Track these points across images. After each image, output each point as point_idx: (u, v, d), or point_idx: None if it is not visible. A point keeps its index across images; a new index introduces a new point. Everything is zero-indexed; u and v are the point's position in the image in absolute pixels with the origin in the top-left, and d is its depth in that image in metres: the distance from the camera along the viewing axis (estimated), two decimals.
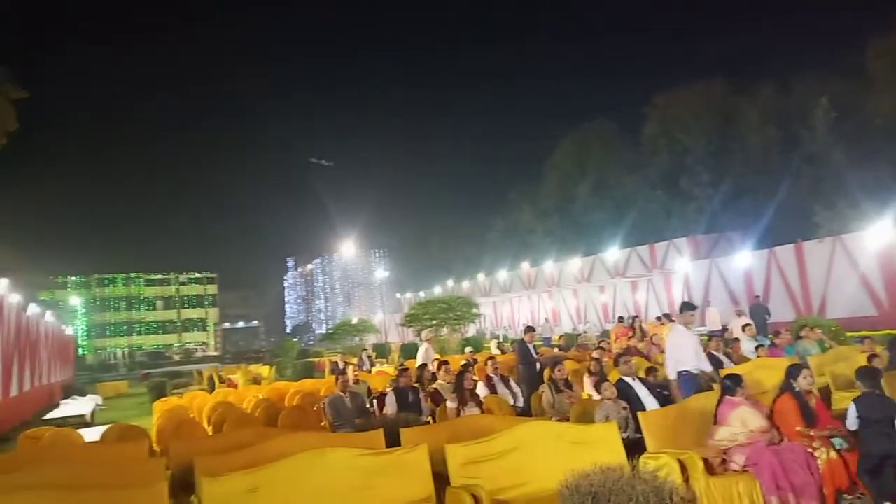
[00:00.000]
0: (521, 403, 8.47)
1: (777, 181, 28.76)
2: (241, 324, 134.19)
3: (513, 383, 8.99)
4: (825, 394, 6.50)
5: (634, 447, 5.25)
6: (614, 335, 15.38)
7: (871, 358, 7.57)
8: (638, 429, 5.50)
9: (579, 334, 23.22)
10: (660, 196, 36.61)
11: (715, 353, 9.31)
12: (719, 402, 5.47)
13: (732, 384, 5.48)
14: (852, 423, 4.98)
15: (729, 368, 8.58)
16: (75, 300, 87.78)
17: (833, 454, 4.80)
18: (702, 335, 13.21)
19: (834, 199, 25.56)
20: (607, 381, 6.79)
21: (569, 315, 38.35)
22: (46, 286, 64.41)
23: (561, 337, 26.52)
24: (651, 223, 35.94)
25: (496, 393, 8.49)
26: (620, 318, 18.15)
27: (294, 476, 4.56)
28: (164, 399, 13.35)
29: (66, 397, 21.60)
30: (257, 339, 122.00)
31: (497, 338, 31.28)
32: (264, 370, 21.93)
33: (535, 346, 11.19)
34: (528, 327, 11.90)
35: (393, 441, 5.49)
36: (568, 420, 6.57)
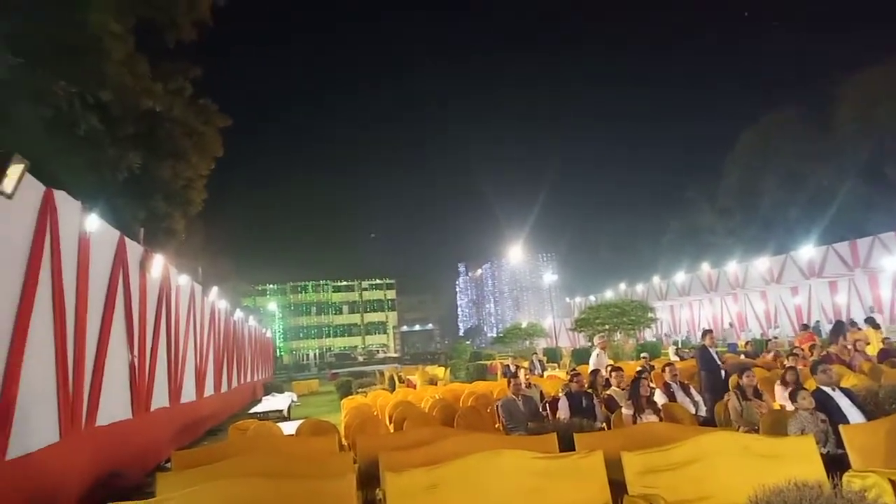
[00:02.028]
0: (703, 412, 8.00)
1: None
2: (417, 327, 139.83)
3: (694, 391, 8.51)
4: None
5: (835, 464, 4.74)
6: (798, 343, 13.99)
7: None
8: (839, 444, 4.97)
9: (769, 340, 21.39)
10: (858, 186, 32.72)
11: None
12: None
13: None
14: None
15: None
16: (273, 306, 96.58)
17: None
18: None
19: None
20: (805, 389, 6.20)
21: (756, 319, 35.50)
22: (248, 293, 71.53)
23: (748, 343, 24.62)
24: (850, 217, 32.27)
25: (675, 401, 8.09)
26: (804, 326, 16.48)
27: (470, 475, 4.68)
28: (350, 397, 14.25)
29: (267, 394, 23.80)
30: (432, 342, 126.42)
31: (675, 343, 29.77)
32: (440, 371, 22.63)
33: (717, 352, 10.47)
34: (706, 330, 11.15)
35: (566, 446, 5.44)
36: (757, 431, 6.10)
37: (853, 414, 6.07)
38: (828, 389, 6.40)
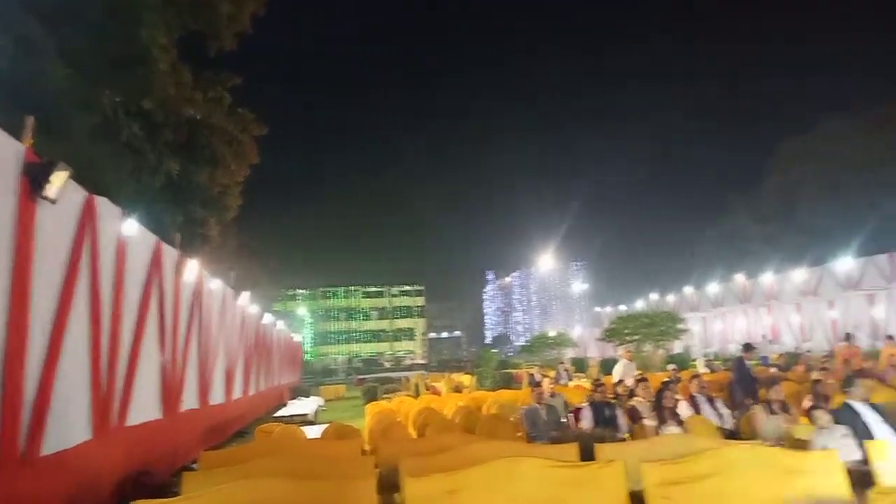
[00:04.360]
0: (728, 425, 7.90)
1: None
2: (445, 334, 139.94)
3: (719, 404, 8.40)
4: None
5: (861, 480, 4.68)
6: (840, 356, 13.73)
7: None
8: (865, 460, 4.89)
9: (801, 353, 20.99)
10: None
11: None
12: None
13: None
14: None
15: None
16: (303, 311, 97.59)
17: None
18: None
19: None
20: (822, 407, 6.09)
21: (791, 332, 34.76)
22: (279, 298, 72.44)
23: (780, 356, 24.15)
24: (892, 228, 31.44)
25: (700, 413, 8.01)
26: (847, 336, 16.16)
27: (490, 482, 4.72)
28: (375, 402, 14.36)
29: (294, 398, 24.08)
30: (460, 349, 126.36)
31: (706, 355, 29.32)
32: (465, 379, 22.64)
33: (751, 366, 10.38)
34: (747, 344, 11.00)
35: (588, 455, 5.44)
36: (783, 446, 6.02)
37: (881, 430, 5.96)
38: (857, 404, 6.30)
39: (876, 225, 32.14)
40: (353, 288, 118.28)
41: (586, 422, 7.60)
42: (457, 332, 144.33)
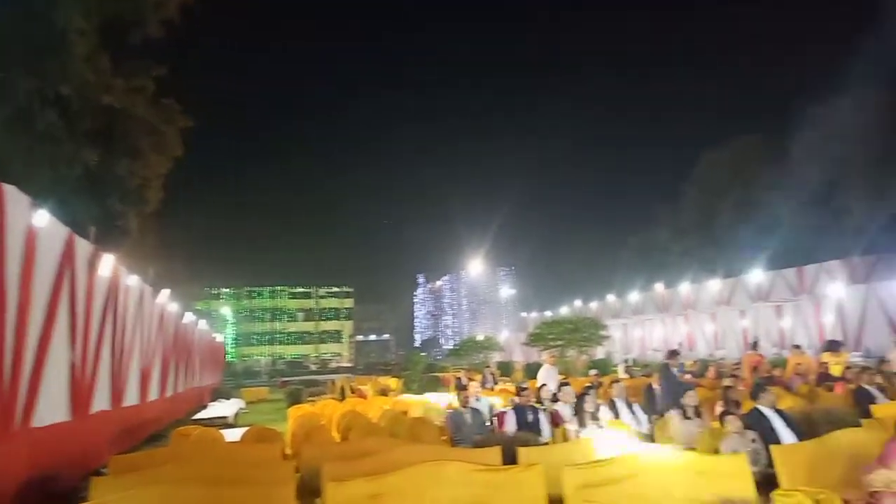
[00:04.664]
0: (645, 430, 8.17)
1: None
2: (373, 337, 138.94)
3: (637, 408, 8.69)
4: None
5: (766, 483, 4.92)
6: (746, 364, 14.44)
7: None
8: (771, 463, 5.14)
9: (713, 360, 21.93)
10: (811, 214, 33.95)
11: (866, 386, 8.52)
12: (893, 439, 4.88)
13: None
14: None
15: (883, 405, 7.82)
16: (226, 310, 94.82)
17: None
18: (860, 365, 12.15)
19: None
20: (732, 413, 6.38)
21: (705, 340, 36.35)
22: (201, 296, 70.18)
23: (695, 363, 25.19)
24: (800, 243, 33.38)
25: (619, 417, 8.25)
26: (754, 345, 17.02)
27: (413, 486, 4.70)
28: (298, 406, 14.10)
29: (214, 400, 23.37)
30: (388, 352, 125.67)
31: (626, 361, 30.25)
32: (392, 382, 22.55)
33: (688, 371, 10.65)
34: (672, 351, 11.32)
35: (510, 459, 5.51)
36: (694, 450, 6.26)
37: (786, 435, 6.29)
38: (765, 410, 6.62)
39: (785, 240, 34.04)
40: (278, 288, 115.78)
41: (510, 426, 7.69)
42: (385, 336, 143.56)
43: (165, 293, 17.27)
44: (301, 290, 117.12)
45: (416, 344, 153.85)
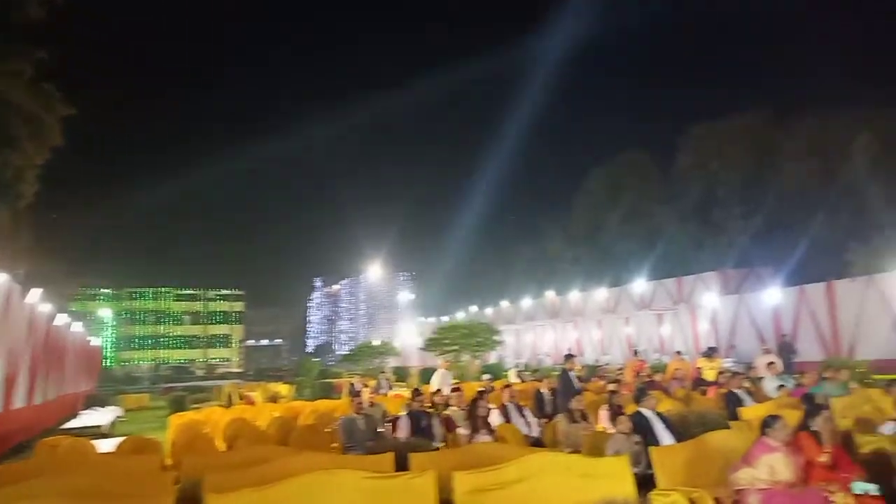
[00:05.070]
0: (535, 433, 8.37)
1: (812, 216, 28.28)
2: (265, 342, 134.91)
3: (528, 413, 8.89)
4: (847, 437, 6.30)
5: (646, 483, 5.15)
6: (629, 368, 15.20)
7: None
8: (651, 464, 5.39)
9: (599, 366, 22.89)
10: (690, 228, 36.27)
11: (736, 390, 9.14)
12: (757, 439, 5.19)
13: (771, 424, 5.05)
14: None
15: (750, 407, 8.41)
16: (105, 312, 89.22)
17: (850, 500, 4.64)
18: (731, 370, 13.05)
19: (870, 235, 25.06)
20: (623, 414, 6.68)
21: (592, 346, 37.93)
22: (78, 297, 65.64)
23: (582, 368, 26.19)
24: (680, 255, 35.59)
25: (510, 421, 8.41)
26: (636, 352, 17.93)
27: (300, 496, 4.56)
28: (180, 413, 13.44)
29: (88, 407, 21.86)
30: (280, 358, 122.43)
31: (517, 366, 31.01)
32: (283, 388, 21.99)
33: (577, 376, 10.94)
34: (569, 355, 11.55)
35: (403, 465, 5.47)
36: (580, 452, 6.48)
37: (665, 436, 6.62)
38: (647, 413, 6.96)
39: (667, 252, 36.18)
40: (163, 289, 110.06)
41: (403, 431, 7.65)
42: (278, 340, 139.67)
43: (36, 293, 16.01)
44: (188, 291, 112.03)
45: (310, 349, 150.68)
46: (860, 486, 4.74)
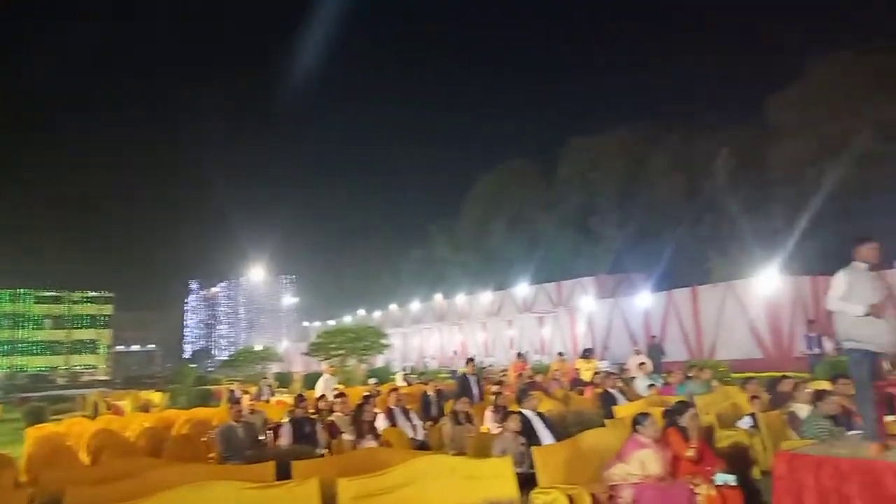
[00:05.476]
0: (420, 436, 8.39)
1: (678, 226, 30.36)
2: (136, 347, 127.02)
3: (413, 416, 8.89)
4: (709, 432, 6.78)
5: (529, 482, 5.28)
6: (511, 370, 15.64)
7: (752, 399, 8.00)
8: (532, 464, 5.53)
9: (484, 368, 23.35)
10: (570, 235, 37.87)
11: (610, 390, 9.59)
12: (629, 436, 5.45)
13: (641, 422, 5.34)
14: None
15: (623, 406, 8.85)
16: None
17: (713, 491, 4.98)
18: (606, 371, 13.69)
19: (727, 245, 27.19)
20: (512, 413, 6.81)
21: (477, 348, 38.66)
22: None
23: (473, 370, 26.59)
24: (561, 261, 37.09)
25: (396, 425, 8.38)
26: (519, 354, 18.47)
27: None
28: (39, 426, 12.36)
29: None
30: (153, 364, 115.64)
31: (404, 369, 31.06)
32: (156, 397, 20.79)
33: (477, 378, 11.04)
34: (469, 359, 11.62)
35: (285, 474, 5.31)
36: (465, 454, 6.55)
37: (546, 436, 6.84)
38: (528, 413, 7.15)
39: (548, 257, 37.60)
40: (21, 291, 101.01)
41: (285, 438, 7.44)
42: (151, 346, 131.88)
43: None
44: (50, 294, 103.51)
45: (187, 355, 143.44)
46: (721, 478, 5.12)
